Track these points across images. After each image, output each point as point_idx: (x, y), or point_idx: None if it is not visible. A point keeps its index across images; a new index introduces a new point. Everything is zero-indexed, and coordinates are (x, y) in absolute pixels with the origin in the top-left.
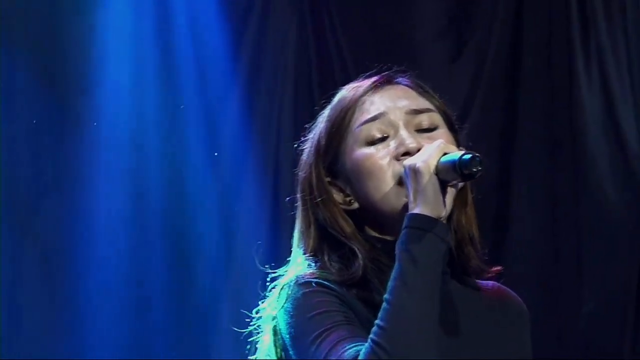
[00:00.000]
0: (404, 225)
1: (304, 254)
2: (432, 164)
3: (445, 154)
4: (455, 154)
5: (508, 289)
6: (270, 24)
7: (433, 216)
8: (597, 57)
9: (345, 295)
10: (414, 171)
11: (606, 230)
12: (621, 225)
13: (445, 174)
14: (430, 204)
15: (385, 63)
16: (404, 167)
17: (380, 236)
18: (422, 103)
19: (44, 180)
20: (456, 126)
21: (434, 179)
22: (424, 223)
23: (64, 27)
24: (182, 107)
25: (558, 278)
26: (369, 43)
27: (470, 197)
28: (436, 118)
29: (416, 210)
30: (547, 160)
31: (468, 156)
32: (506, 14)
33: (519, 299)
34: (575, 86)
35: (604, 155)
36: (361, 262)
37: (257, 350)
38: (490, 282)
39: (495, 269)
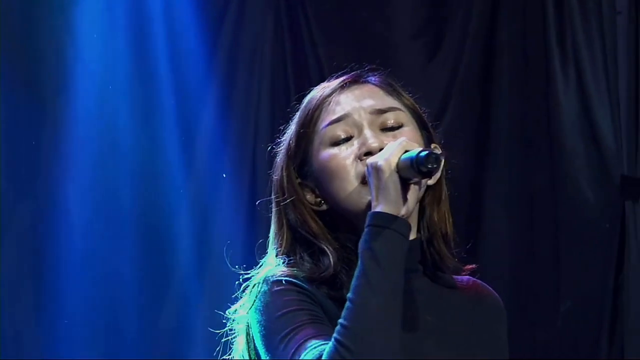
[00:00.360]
0: (366, 224)
1: (277, 254)
2: (393, 161)
3: (407, 151)
4: (414, 151)
5: (484, 284)
6: (246, 23)
7: (393, 213)
8: (573, 55)
9: (316, 293)
10: (376, 169)
11: (583, 229)
12: (598, 224)
13: (405, 171)
14: (391, 202)
15: (362, 62)
16: (367, 165)
17: (351, 235)
18: (388, 102)
19: (21, 181)
20: (428, 124)
21: (395, 177)
22: (384, 220)
23: (39, 27)
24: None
25: (535, 277)
26: (345, 42)
27: (444, 194)
28: (402, 116)
29: (377, 209)
30: (524, 159)
31: (424, 153)
32: (482, 13)
33: (495, 294)
34: (552, 85)
35: (580, 153)
36: (331, 260)
37: (233, 352)
38: (466, 277)
39: (469, 266)
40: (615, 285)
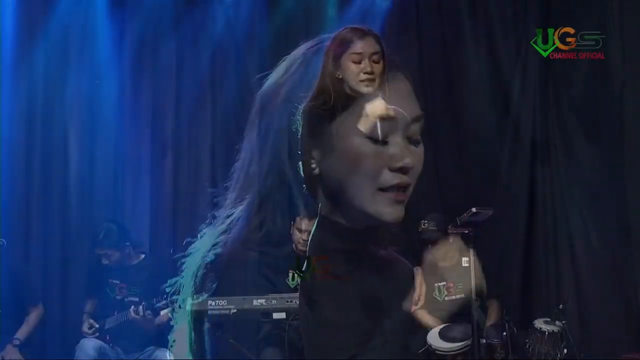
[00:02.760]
0: None
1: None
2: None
3: None
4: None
5: (399, 256)
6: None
7: None
8: (485, 17)
9: None
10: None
11: (493, 192)
12: (508, 186)
13: None
14: None
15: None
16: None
17: (330, 217)
18: (417, 108)
19: None
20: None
21: None
22: None
23: None
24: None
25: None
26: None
27: None
28: (421, 127)
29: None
30: (432, 123)
31: None
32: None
33: (408, 263)
34: (462, 46)
35: (491, 117)
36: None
37: (171, 343)
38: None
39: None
40: (526, 247)
